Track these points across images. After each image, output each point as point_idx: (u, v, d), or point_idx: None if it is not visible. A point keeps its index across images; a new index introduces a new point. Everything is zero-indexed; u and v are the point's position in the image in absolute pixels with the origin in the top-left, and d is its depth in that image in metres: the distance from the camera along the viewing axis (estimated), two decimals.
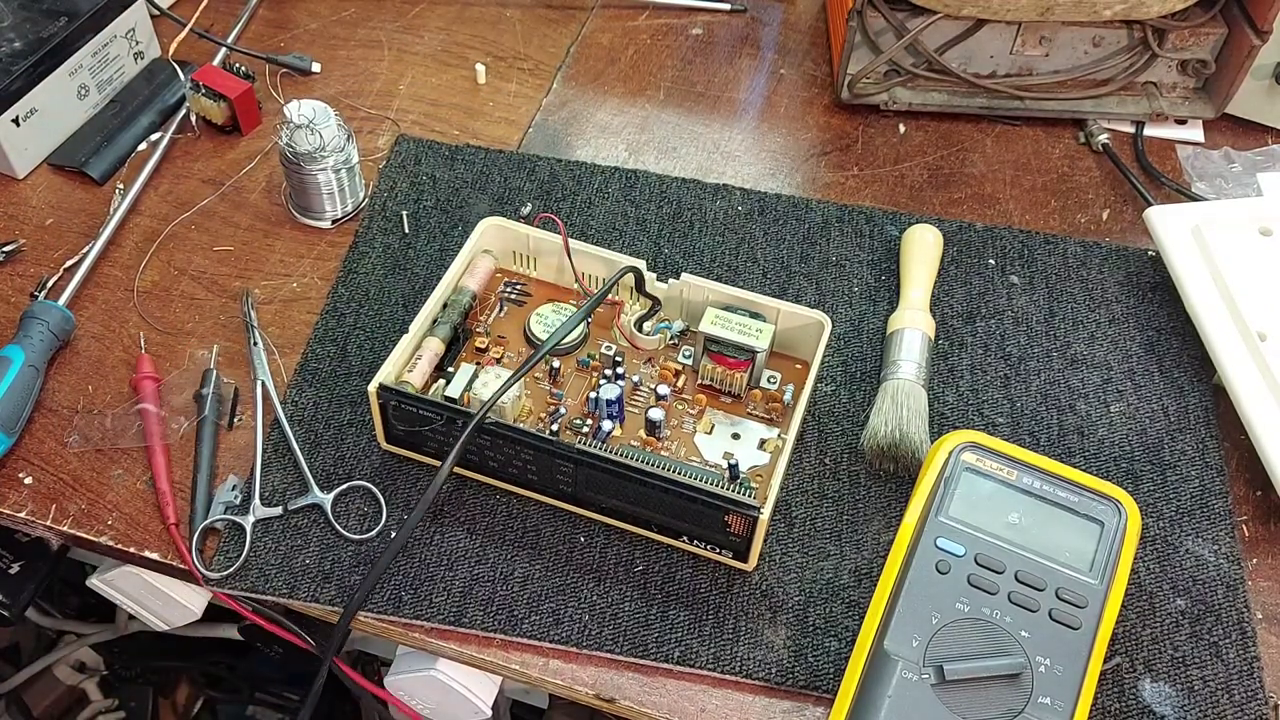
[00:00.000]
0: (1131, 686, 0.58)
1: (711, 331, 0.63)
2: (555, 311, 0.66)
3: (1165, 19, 0.80)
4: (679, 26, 0.94)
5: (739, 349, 0.63)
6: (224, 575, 0.61)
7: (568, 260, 0.66)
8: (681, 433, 0.63)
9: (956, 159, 0.84)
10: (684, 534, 0.59)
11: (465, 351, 0.63)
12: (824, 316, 0.64)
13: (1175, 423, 0.68)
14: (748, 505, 0.56)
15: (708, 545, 0.60)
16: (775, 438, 0.63)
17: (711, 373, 0.64)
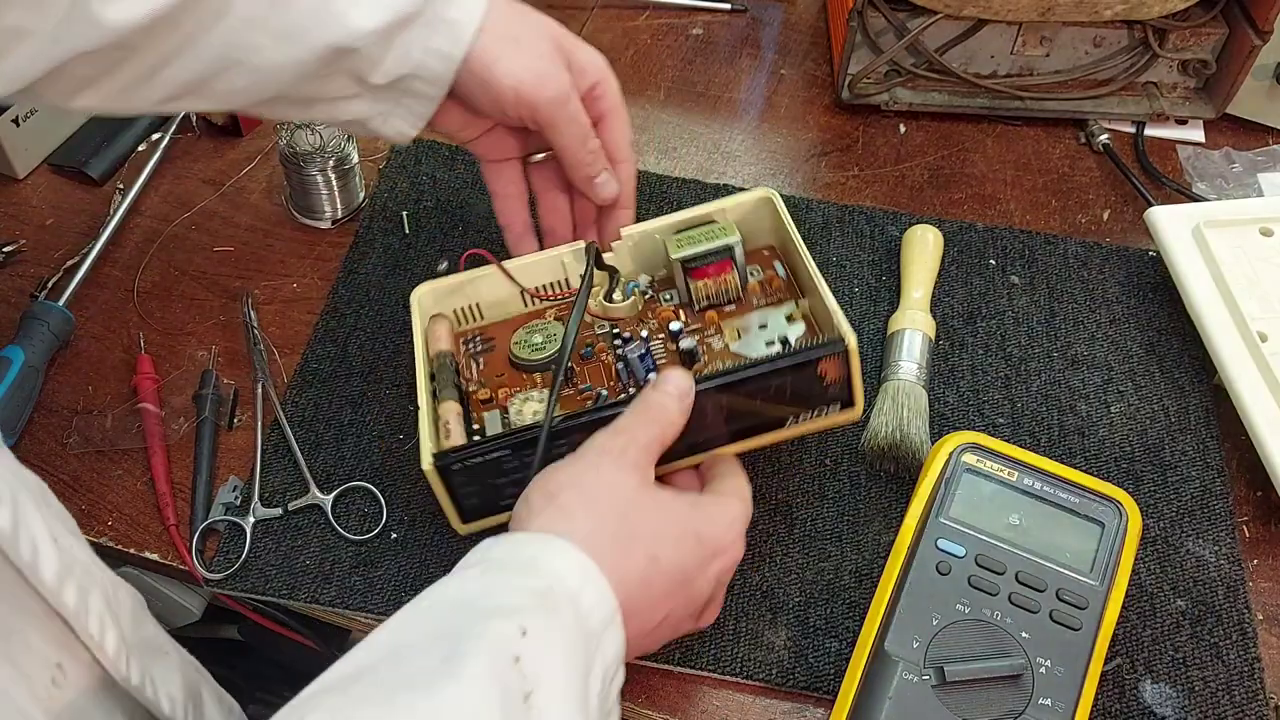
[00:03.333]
0: (1132, 687, 0.57)
1: (683, 253, 0.62)
2: (531, 331, 0.63)
3: (1166, 19, 0.80)
4: (679, 26, 0.94)
5: (714, 253, 0.62)
6: (224, 576, 0.61)
7: (513, 284, 0.64)
8: (715, 351, 0.61)
9: (957, 159, 0.84)
10: (785, 417, 0.57)
11: (474, 408, 0.61)
12: (768, 190, 0.64)
13: (1176, 423, 0.68)
14: (833, 342, 0.55)
15: (813, 414, 0.58)
16: (796, 306, 0.62)
17: (704, 290, 0.63)
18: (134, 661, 0.46)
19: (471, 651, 0.39)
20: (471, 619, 0.41)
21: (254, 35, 0.54)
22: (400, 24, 0.55)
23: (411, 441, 0.66)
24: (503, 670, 0.39)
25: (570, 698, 0.41)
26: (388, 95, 0.58)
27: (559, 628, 0.42)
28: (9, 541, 0.41)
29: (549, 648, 0.41)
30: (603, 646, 0.44)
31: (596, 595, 0.44)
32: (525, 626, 0.40)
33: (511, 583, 0.44)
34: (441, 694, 0.37)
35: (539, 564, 0.44)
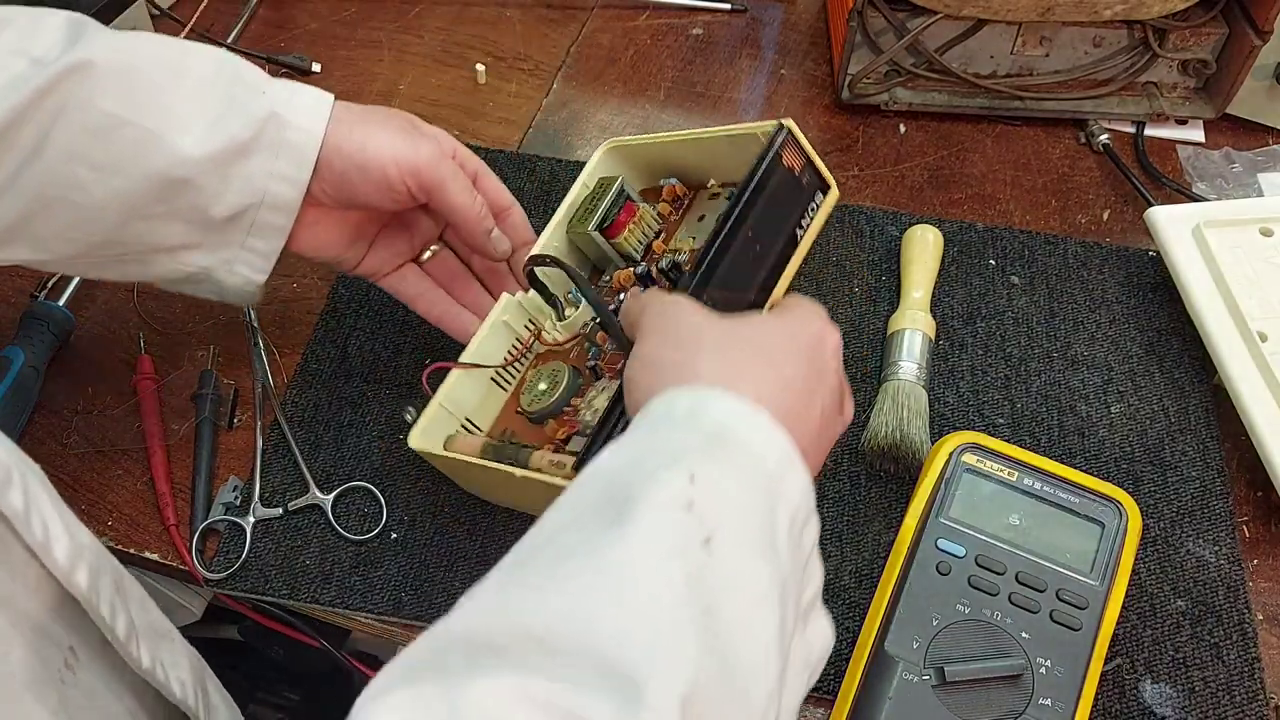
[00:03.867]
0: (1132, 687, 0.57)
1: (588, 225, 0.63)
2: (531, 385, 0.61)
3: (1166, 19, 0.80)
4: (679, 26, 0.94)
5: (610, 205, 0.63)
6: (224, 576, 0.61)
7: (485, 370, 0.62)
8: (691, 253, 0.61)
9: (957, 159, 0.84)
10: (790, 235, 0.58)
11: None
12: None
13: (1176, 423, 0.68)
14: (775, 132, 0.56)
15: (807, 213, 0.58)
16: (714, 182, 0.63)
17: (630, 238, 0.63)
18: (144, 645, 0.46)
19: (639, 507, 0.36)
20: (638, 478, 0.38)
21: (74, 169, 0.52)
22: (236, 152, 0.53)
23: None
24: (675, 519, 0.36)
25: (754, 540, 0.38)
26: (230, 236, 0.56)
27: (732, 472, 0.39)
28: (21, 522, 0.41)
29: (723, 492, 0.38)
30: (784, 489, 0.41)
31: (765, 436, 0.41)
32: (694, 472, 0.38)
33: (673, 436, 0.41)
34: (610, 553, 0.35)
35: (699, 414, 0.41)
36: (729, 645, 0.35)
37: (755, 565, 0.38)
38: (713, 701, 0.33)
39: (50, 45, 0.52)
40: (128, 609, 0.45)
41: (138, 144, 0.52)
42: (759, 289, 0.56)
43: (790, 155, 0.56)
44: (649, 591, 0.34)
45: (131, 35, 0.54)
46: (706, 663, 0.34)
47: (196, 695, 0.50)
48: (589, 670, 0.32)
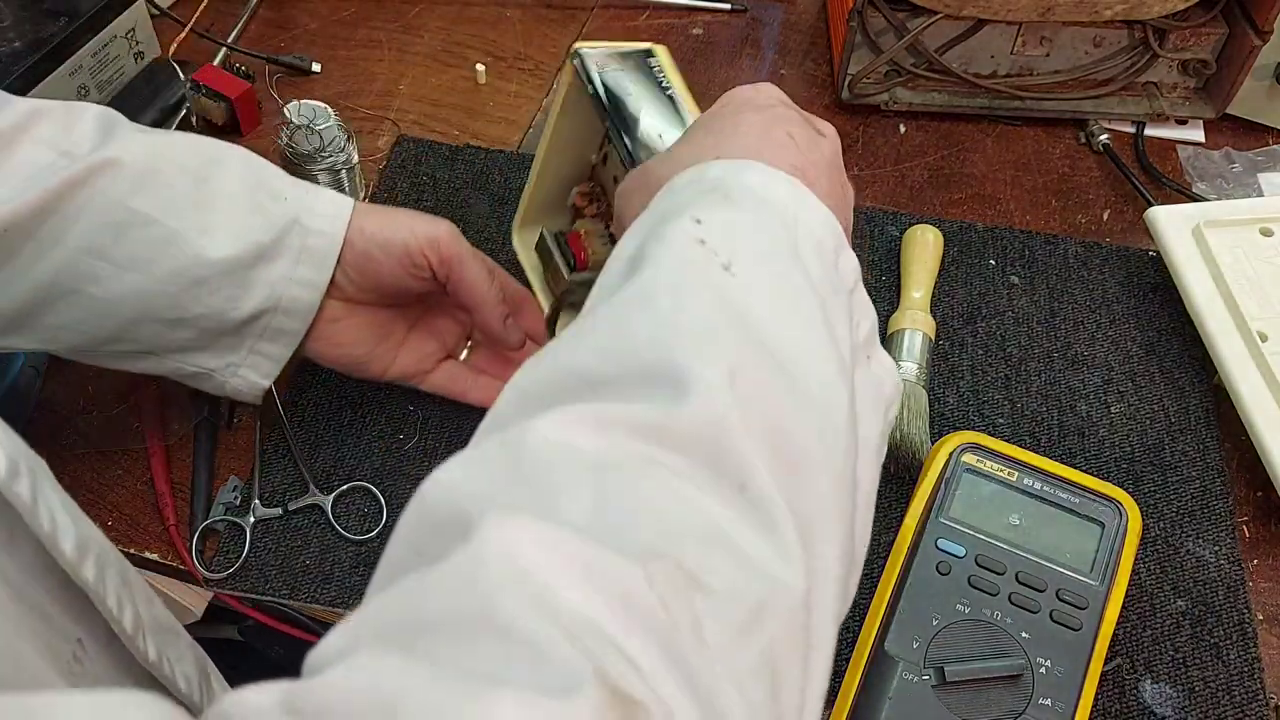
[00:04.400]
0: (1132, 687, 0.57)
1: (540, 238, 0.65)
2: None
3: (1166, 19, 0.80)
4: (679, 26, 0.94)
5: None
6: (224, 576, 0.61)
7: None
8: None
9: (957, 159, 0.84)
10: None
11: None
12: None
13: (1176, 423, 0.68)
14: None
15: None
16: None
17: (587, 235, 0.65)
18: (150, 639, 0.46)
19: (650, 253, 0.37)
20: (647, 235, 0.39)
21: (94, 263, 0.52)
22: (257, 256, 0.54)
23: (411, 441, 0.66)
24: (689, 252, 0.37)
25: (778, 263, 0.38)
26: (241, 341, 0.57)
27: (738, 209, 0.40)
28: (29, 512, 0.41)
29: (734, 225, 0.39)
30: (800, 218, 0.41)
31: (767, 178, 0.41)
32: (697, 215, 0.38)
33: (677, 197, 0.42)
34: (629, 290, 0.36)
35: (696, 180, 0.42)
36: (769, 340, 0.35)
37: (785, 278, 0.38)
38: (761, 378, 0.34)
39: (82, 139, 0.53)
40: (134, 603, 0.45)
41: (160, 243, 0.53)
42: None
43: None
44: (675, 308, 0.35)
45: (163, 135, 0.56)
46: (747, 349, 0.34)
47: (202, 690, 0.50)
48: (635, 381, 0.33)
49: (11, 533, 0.41)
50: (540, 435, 0.32)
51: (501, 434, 0.33)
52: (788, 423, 0.34)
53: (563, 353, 0.36)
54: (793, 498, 0.33)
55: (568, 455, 0.31)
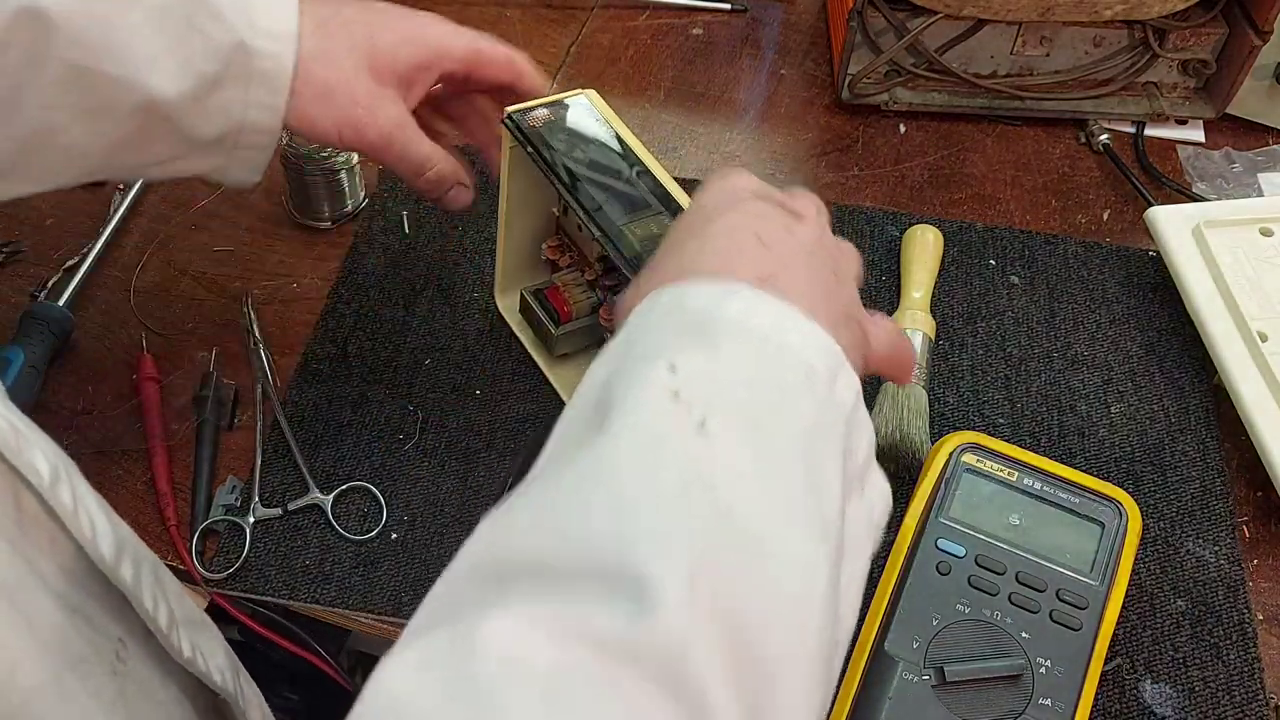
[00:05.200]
0: (1132, 687, 0.57)
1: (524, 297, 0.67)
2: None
3: (1166, 19, 0.80)
4: (679, 26, 0.94)
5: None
6: (224, 576, 0.61)
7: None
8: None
9: (957, 159, 0.84)
10: None
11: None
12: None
13: (1176, 423, 0.68)
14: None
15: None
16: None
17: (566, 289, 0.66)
18: (184, 635, 0.46)
19: (619, 405, 0.35)
20: (618, 377, 0.37)
21: (53, 115, 0.52)
22: (208, 86, 0.53)
23: (411, 441, 0.66)
24: (660, 411, 0.34)
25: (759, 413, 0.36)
26: (218, 150, 0.57)
27: (717, 352, 0.37)
28: (71, 519, 0.41)
29: (710, 373, 0.36)
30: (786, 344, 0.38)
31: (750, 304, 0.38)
32: (673, 362, 0.36)
33: (652, 332, 0.39)
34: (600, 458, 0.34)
35: (676, 306, 0.39)
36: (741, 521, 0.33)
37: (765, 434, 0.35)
38: (726, 572, 0.32)
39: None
40: (167, 600, 0.46)
41: (110, 90, 0.52)
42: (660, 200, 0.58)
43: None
44: (637, 487, 0.33)
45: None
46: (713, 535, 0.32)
47: (235, 683, 0.51)
48: (594, 583, 0.31)
49: (53, 538, 0.41)
50: (493, 644, 0.30)
51: (450, 629, 0.31)
52: (759, 627, 0.32)
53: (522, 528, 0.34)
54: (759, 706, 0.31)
55: (521, 672, 0.29)
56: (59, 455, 0.42)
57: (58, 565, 0.41)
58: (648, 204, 0.58)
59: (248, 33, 0.54)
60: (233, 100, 0.54)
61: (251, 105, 0.55)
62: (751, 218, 0.44)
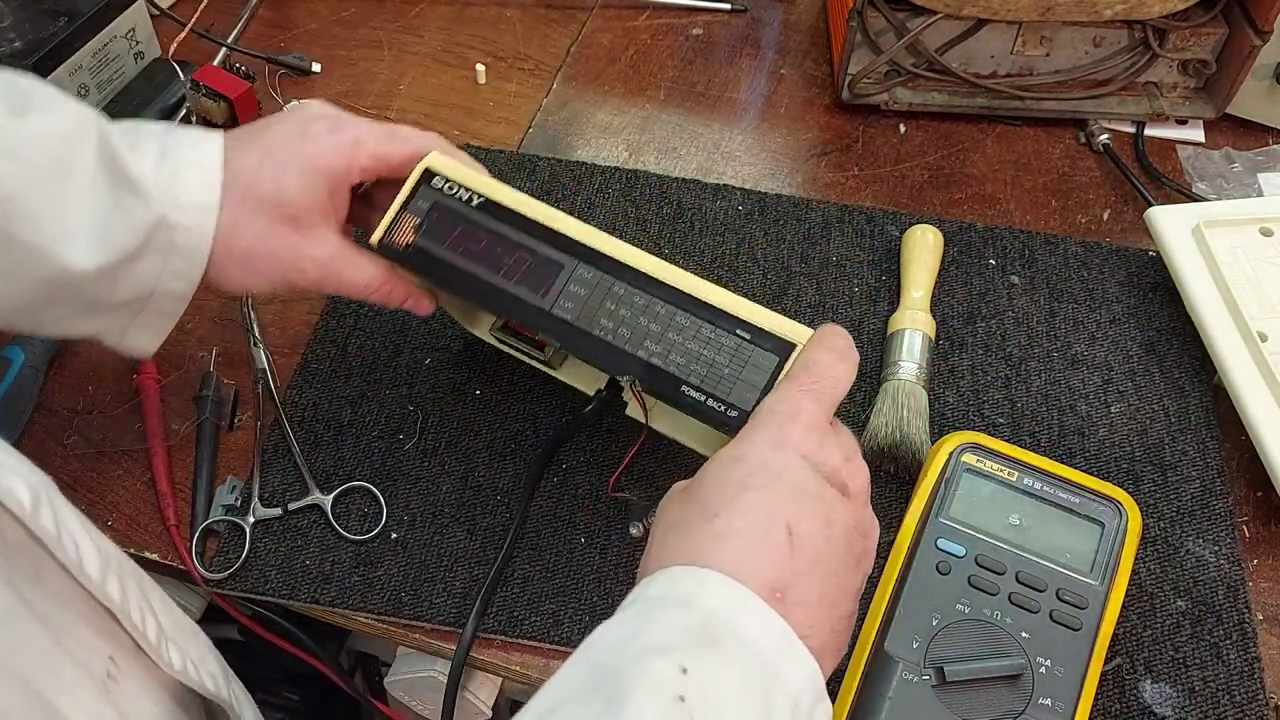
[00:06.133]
0: (1132, 687, 0.57)
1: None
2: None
3: (1166, 19, 0.80)
4: (679, 26, 0.94)
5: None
6: (224, 576, 0.61)
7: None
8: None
9: (957, 159, 0.84)
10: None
11: None
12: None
13: (1176, 423, 0.68)
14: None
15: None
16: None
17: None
18: (173, 646, 0.46)
19: (633, 696, 0.36)
20: (628, 661, 0.38)
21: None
22: (126, 260, 0.52)
23: (411, 441, 0.66)
24: (668, 713, 0.36)
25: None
26: (123, 313, 0.55)
27: (724, 662, 0.39)
28: (54, 542, 0.41)
29: (715, 683, 0.38)
30: (782, 674, 0.40)
31: (760, 623, 0.40)
32: (685, 664, 0.37)
33: (668, 620, 0.40)
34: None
35: (693, 599, 0.40)
36: None
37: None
38: None
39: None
40: (154, 612, 0.46)
41: (24, 257, 0.51)
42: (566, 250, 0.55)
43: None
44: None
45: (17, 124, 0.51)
46: None
47: (228, 688, 0.51)
48: None
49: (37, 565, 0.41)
50: None
51: None
52: None
53: None
54: None
55: None
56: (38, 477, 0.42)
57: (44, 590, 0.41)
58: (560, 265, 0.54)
59: (170, 209, 0.53)
60: (148, 270, 0.54)
61: (166, 274, 0.54)
62: (789, 500, 0.43)
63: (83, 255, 0.51)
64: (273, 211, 0.54)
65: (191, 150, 0.54)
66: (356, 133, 0.55)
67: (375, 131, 0.56)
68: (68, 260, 0.51)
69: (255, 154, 0.54)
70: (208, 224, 0.53)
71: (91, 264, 0.51)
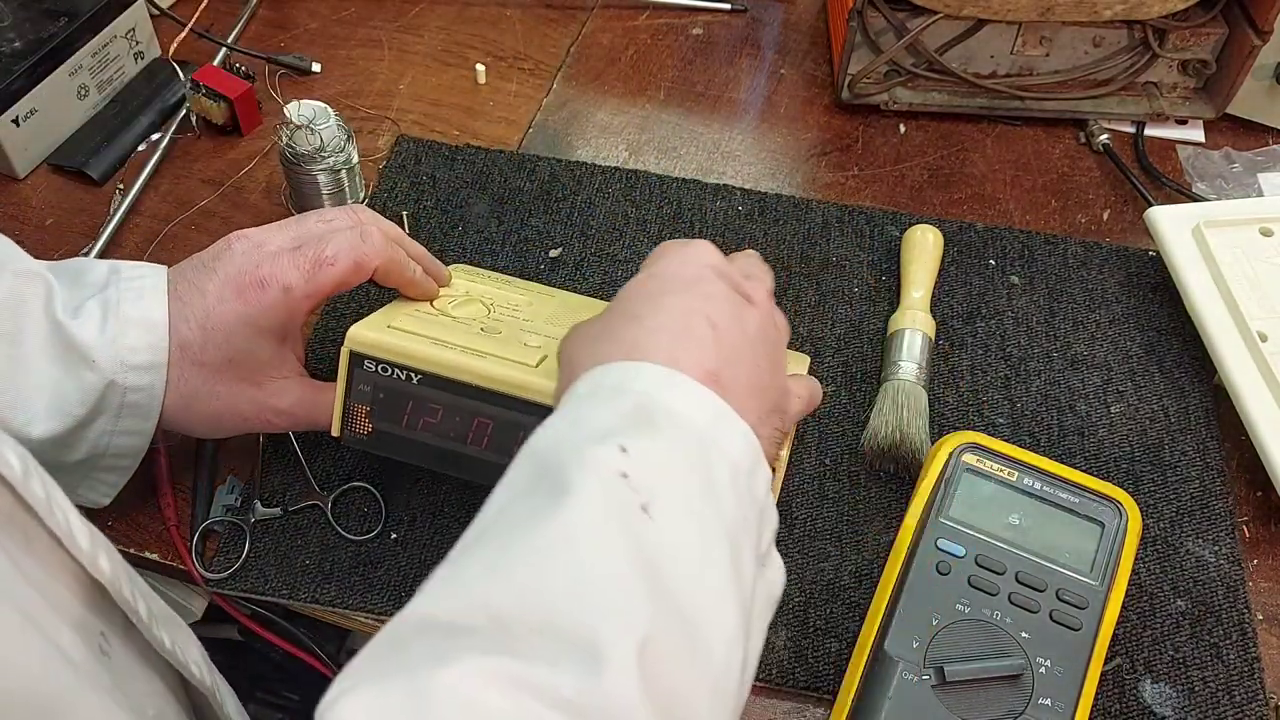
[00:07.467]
0: (1132, 687, 0.57)
1: None
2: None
3: (1166, 19, 0.80)
4: (679, 26, 0.94)
5: None
6: (224, 576, 0.61)
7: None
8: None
9: (957, 159, 0.84)
10: None
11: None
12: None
13: (1176, 423, 0.68)
14: None
15: None
16: None
17: None
18: (163, 629, 0.47)
19: (575, 481, 0.38)
20: (567, 452, 0.39)
21: None
22: (78, 425, 0.53)
23: None
24: (612, 488, 0.38)
25: (694, 500, 0.39)
26: (75, 471, 0.56)
27: (663, 440, 0.40)
28: (44, 510, 0.41)
29: (655, 459, 0.39)
30: (719, 443, 0.41)
31: (692, 399, 0.42)
32: (624, 444, 0.39)
33: (603, 409, 0.42)
34: (552, 525, 0.36)
35: (624, 389, 0.42)
36: (680, 598, 0.36)
37: (698, 523, 0.39)
38: (669, 649, 0.35)
39: None
40: (144, 596, 0.46)
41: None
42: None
43: None
44: (595, 558, 0.36)
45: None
46: (660, 615, 0.35)
47: (212, 678, 0.51)
48: (549, 642, 0.33)
49: (27, 534, 0.41)
50: (450, 693, 0.31)
51: (406, 679, 0.32)
52: (688, 693, 0.35)
53: (477, 586, 0.36)
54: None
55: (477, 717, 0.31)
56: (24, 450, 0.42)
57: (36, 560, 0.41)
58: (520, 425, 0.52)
59: (118, 373, 0.53)
60: (101, 431, 0.54)
61: (120, 433, 0.55)
62: (705, 300, 0.46)
63: (35, 421, 0.52)
64: (229, 374, 0.56)
65: (133, 307, 0.54)
66: (285, 281, 0.54)
67: (301, 268, 0.55)
68: (19, 424, 0.51)
69: (195, 324, 0.54)
70: (158, 383, 0.54)
71: (42, 429, 0.52)
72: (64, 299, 0.54)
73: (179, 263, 0.57)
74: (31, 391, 0.52)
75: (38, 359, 0.52)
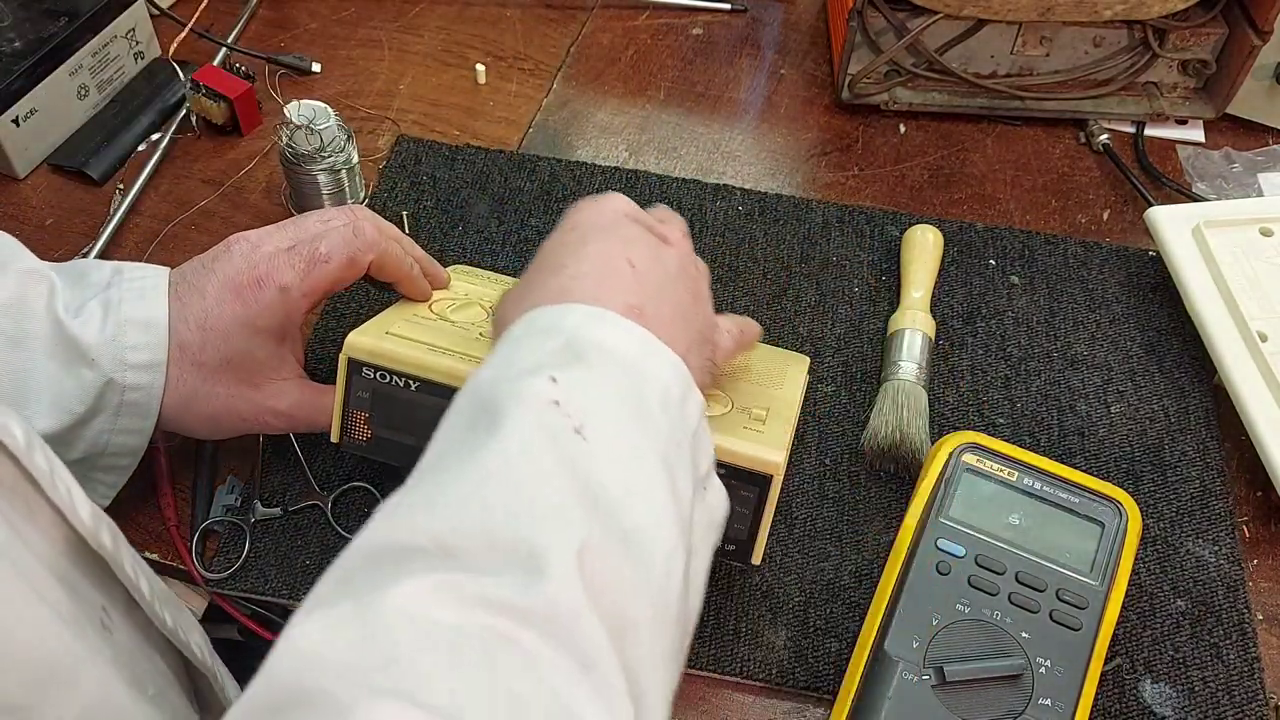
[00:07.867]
0: (1132, 687, 0.57)
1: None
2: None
3: (1166, 19, 0.80)
4: (679, 26, 0.94)
5: None
6: (224, 576, 0.61)
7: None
8: None
9: (957, 159, 0.84)
10: None
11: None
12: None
13: (1176, 423, 0.68)
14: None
15: None
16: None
17: None
18: (165, 608, 0.47)
19: (509, 410, 0.39)
20: (500, 388, 0.40)
21: None
22: (77, 423, 0.53)
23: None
24: (545, 415, 0.39)
25: (627, 422, 0.40)
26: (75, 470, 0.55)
27: (592, 370, 0.41)
28: (47, 482, 0.41)
29: (585, 387, 0.40)
30: (648, 372, 0.43)
31: (619, 331, 0.43)
32: (554, 375, 0.40)
33: (533, 347, 0.43)
34: (488, 453, 0.37)
35: (555, 327, 0.43)
36: (617, 510, 0.37)
37: (632, 441, 0.40)
38: (608, 557, 0.36)
39: None
40: (146, 574, 0.46)
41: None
42: None
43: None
44: (530, 477, 0.37)
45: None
46: (597, 525, 0.36)
47: (212, 660, 0.51)
48: (490, 555, 0.35)
49: (29, 505, 0.41)
50: (398, 607, 0.32)
51: (355, 600, 0.33)
52: (630, 597, 0.36)
53: (419, 514, 0.36)
54: (628, 664, 0.35)
55: (426, 629, 0.32)
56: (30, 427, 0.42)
57: (39, 532, 0.41)
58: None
59: (117, 371, 0.54)
60: (99, 429, 0.55)
61: (119, 431, 0.55)
62: (624, 243, 0.48)
63: (36, 421, 0.52)
64: (227, 375, 0.56)
65: (134, 306, 0.54)
66: (281, 280, 0.55)
67: (296, 267, 0.55)
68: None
69: (195, 325, 0.55)
70: (157, 382, 0.55)
71: (44, 429, 0.52)
72: (66, 298, 0.54)
73: (180, 264, 0.57)
74: (33, 389, 0.52)
75: (39, 357, 0.53)
